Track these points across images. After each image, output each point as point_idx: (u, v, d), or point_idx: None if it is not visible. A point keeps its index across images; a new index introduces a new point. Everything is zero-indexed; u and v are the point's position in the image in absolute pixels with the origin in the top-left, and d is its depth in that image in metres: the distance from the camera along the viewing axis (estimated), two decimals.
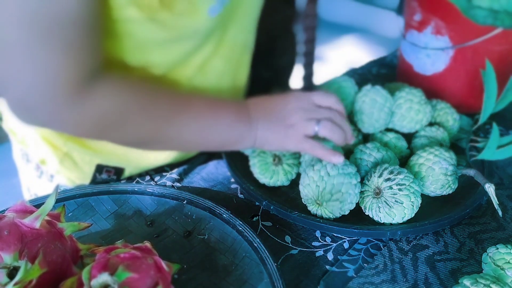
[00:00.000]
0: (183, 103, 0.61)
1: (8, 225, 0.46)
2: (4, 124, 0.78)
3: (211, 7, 0.57)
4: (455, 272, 0.57)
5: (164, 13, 0.54)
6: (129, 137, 0.60)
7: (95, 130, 0.56)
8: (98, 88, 0.53)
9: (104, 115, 0.55)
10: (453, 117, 0.74)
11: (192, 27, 0.58)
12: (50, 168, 0.73)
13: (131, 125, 0.58)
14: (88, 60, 0.52)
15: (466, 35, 0.75)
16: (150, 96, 0.58)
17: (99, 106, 0.54)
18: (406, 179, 0.60)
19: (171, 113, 0.59)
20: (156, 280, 0.44)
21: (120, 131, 0.58)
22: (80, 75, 0.51)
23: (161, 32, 0.57)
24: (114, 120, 0.56)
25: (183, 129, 0.61)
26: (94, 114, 0.54)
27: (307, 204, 0.63)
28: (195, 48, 0.63)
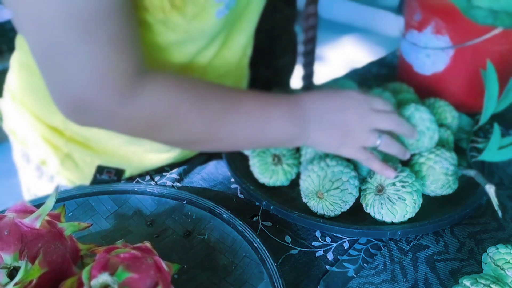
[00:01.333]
0: (233, 102, 0.59)
1: (8, 225, 0.46)
2: (5, 124, 0.78)
3: (219, 10, 0.57)
4: (455, 272, 0.57)
5: (175, 16, 0.54)
6: (179, 136, 0.59)
7: (147, 127, 0.56)
8: (149, 84, 0.53)
9: (156, 112, 0.55)
10: (451, 115, 0.74)
11: (200, 29, 0.58)
12: (50, 169, 0.73)
13: (181, 123, 0.57)
14: (134, 53, 0.52)
15: (466, 35, 0.75)
16: (200, 94, 0.57)
17: (151, 102, 0.54)
18: (409, 177, 0.60)
19: (221, 112, 0.58)
20: (156, 280, 0.44)
21: (170, 130, 0.57)
22: (130, 67, 0.51)
23: (171, 34, 0.57)
24: (165, 117, 0.55)
25: (234, 129, 0.59)
26: (146, 110, 0.54)
27: (307, 200, 0.63)
28: (198, 51, 0.63)
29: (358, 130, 0.62)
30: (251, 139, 0.61)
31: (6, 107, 0.76)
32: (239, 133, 0.60)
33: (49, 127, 0.69)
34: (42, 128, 0.70)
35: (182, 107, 0.56)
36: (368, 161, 0.62)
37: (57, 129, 0.69)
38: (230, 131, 0.59)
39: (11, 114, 0.75)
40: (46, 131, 0.70)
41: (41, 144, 0.71)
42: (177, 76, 0.58)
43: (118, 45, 0.50)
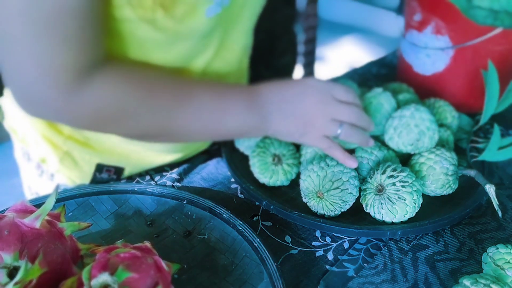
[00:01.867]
0: (186, 94, 0.59)
1: (8, 225, 0.46)
2: (6, 122, 0.78)
3: (209, 8, 0.57)
4: (455, 272, 0.57)
5: (161, 14, 0.54)
6: (130, 130, 0.59)
7: (94, 121, 0.56)
8: (97, 79, 0.53)
9: (103, 107, 0.55)
10: (451, 115, 0.74)
11: (190, 28, 0.58)
12: (50, 167, 0.73)
13: (131, 117, 0.57)
14: (88, 51, 0.52)
15: (466, 35, 0.75)
16: (150, 88, 0.58)
17: (98, 97, 0.54)
18: (409, 177, 0.60)
19: (172, 105, 0.58)
20: (156, 280, 0.44)
21: (120, 124, 0.58)
22: (79, 65, 0.52)
23: (158, 33, 0.57)
24: (113, 112, 0.56)
25: (187, 121, 0.59)
26: (93, 105, 0.54)
27: (307, 200, 0.63)
28: (196, 51, 0.63)
29: (319, 119, 0.62)
30: (206, 130, 0.62)
31: (7, 105, 0.76)
32: (193, 126, 0.60)
33: (48, 125, 0.69)
34: (41, 126, 0.70)
35: (132, 101, 0.56)
36: (330, 149, 0.63)
37: (56, 127, 0.69)
38: (183, 123, 0.59)
39: (12, 112, 0.75)
40: (45, 129, 0.70)
41: (41, 142, 0.71)
42: (130, 70, 0.57)
43: (71, 45, 0.50)
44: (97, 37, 0.53)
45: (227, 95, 0.61)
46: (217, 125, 0.61)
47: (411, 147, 0.66)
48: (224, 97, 0.61)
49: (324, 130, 0.62)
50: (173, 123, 0.59)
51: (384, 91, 0.72)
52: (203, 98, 0.60)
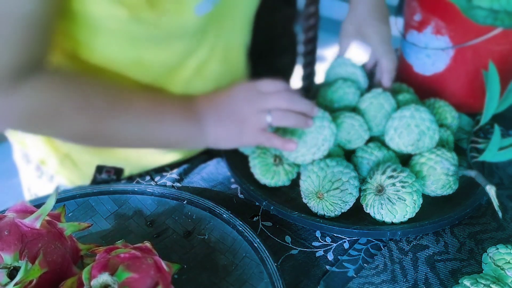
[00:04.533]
0: (122, 101, 0.59)
1: (9, 225, 0.46)
2: None
3: (198, 6, 0.56)
4: (455, 272, 0.57)
5: (149, 11, 0.54)
6: (64, 133, 0.59)
7: (24, 123, 0.56)
8: (29, 83, 0.53)
9: (33, 110, 0.54)
10: (451, 115, 0.74)
11: (180, 26, 0.58)
12: (50, 169, 0.73)
13: (64, 121, 0.57)
14: (25, 54, 0.51)
15: (466, 35, 0.75)
16: (86, 94, 0.57)
17: (28, 100, 0.53)
18: (409, 177, 0.60)
19: (108, 112, 0.58)
20: (156, 280, 0.44)
21: (52, 127, 0.57)
22: (11, 68, 0.51)
23: (147, 30, 0.57)
24: (44, 116, 0.55)
25: (123, 128, 0.60)
26: (22, 107, 0.53)
27: (307, 200, 0.63)
28: (189, 50, 0.63)
29: (249, 114, 0.62)
30: (143, 138, 0.62)
31: None
32: (128, 133, 0.60)
33: None
34: None
35: (65, 105, 0.56)
36: (269, 141, 0.63)
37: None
38: (117, 130, 0.59)
39: None
40: None
41: (40, 144, 0.71)
42: (67, 76, 0.57)
43: (6, 47, 0.50)
44: (37, 42, 0.52)
45: (164, 104, 0.62)
46: (154, 133, 0.61)
47: (411, 147, 0.66)
48: (162, 106, 0.62)
49: (257, 123, 0.62)
50: (108, 129, 0.59)
51: (384, 92, 0.72)
52: (140, 106, 0.60)
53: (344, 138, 0.69)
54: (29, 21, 0.49)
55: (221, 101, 0.63)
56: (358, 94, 0.74)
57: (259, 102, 0.62)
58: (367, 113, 0.71)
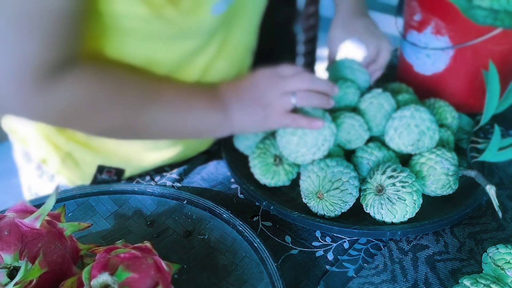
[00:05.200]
0: (153, 92, 0.60)
1: (9, 225, 0.46)
2: (5, 123, 0.78)
3: (214, 6, 0.57)
4: (455, 272, 0.57)
5: (170, 10, 0.55)
6: (98, 126, 0.59)
7: (61, 118, 0.56)
8: (67, 77, 0.53)
9: (72, 104, 0.55)
10: (451, 115, 0.74)
11: (196, 25, 0.58)
12: (51, 168, 0.73)
13: (99, 114, 0.57)
14: (62, 49, 0.52)
15: (466, 35, 0.75)
16: (120, 86, 0.58)
17: (67, 95, 0.54)
18: (409, 177, 0.60)
19: (141, 103, 0.59)
20: (156, 280, 0.44)
21: (88, 120, 0.58)
22: (51, 63, 0.51)
23: (166, 29, 0.57)
24: (81, 109, 0.56)
25: (155, 119, 0.60)
26: (61, 102, 0.54)
27: (307, 200, 0.63)
28: (199, 48, 0.63)
29: (273, 98, 0.63)
30: (173, 128, 0.63)
31: None
32: (161, 122, 0.61)
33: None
34: (43, 126, 0.70)
35: (100, 99, 0.56)
36: (295, 121, 0.63)
37: (58, 128, 0.69)
38: (150, 121, 0.60)
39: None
40: (47, 130, 0.70)
41: (42, 143, 0.71)
42: (101, 69, 0.58)
43: (46, 41, 0.50)
44: (75, 37, 0.53)
45: (191, 92, 0.63)
46: (183, 123, 0.62)
47: (411, 147, 0.66)
48: (189, 94, 0.63)
49: (282, 106, 0.63)
50: (141, 119, 0.60)
51: (383, 92, 0.72)
52: (170, 95, 0.61)
53: (344, 138, 0.69)
54: (65, 18, 0.50)
55: (244, 88, 0.64)
56: (358, 94, 0.74)
57: (282, 85, 0.63)
58: (367, 113, 0.71)
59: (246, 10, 0.66)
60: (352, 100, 0.74)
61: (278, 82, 0.64)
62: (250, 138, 0.71)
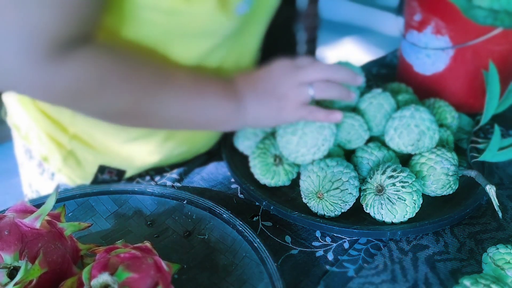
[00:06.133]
0: (166, 77, 0.58)
1: (9, 225, 0.46)
2: (9, 119, 0.78)
3: (239, 5, 0.56)
4: (455, 272, 0.57)
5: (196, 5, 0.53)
6: (104, 108, 0.57)
7: (67, 97, 0.53)
8: (78, 54, 0.51)
9: (79, 82, 0.52)
10: (451, 115, 0.74)
11: (219, 24, 0.57)
12: (52, 166, 0.73)
13: (109, 95, 0.55)
14: (77, 25, 0.50)
15: (466, 35, 0.75)
16: (133, 67, 0.56)
17: (75, 72, 0.52)
18: (409, 177, 0.60)
19: (153, 86, 0.57)
20: (156, 280, 0.44)
21: (96, 101, 0.55)
22: (63, 37, 0.49)
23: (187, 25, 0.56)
24: (90, 89, 0.53)
25: (166, 104, 0.58)
26: (68, 79, 0.52)
27: (307, 200, 0.63)
28: (211, 50, 0.62)
29: (289, 89, 0.61)
30: (184, 115, 0.60)
31: (11, 101, 0.75)
32: (172, 108, 0.59)
33: (54, 122, 0.69)
34: (46, 124, 0.69)
35: (110, 79, 0.54)
36: (312, 114, 0.61)
37: (61, 125, 0.69)
38: (160, 106, 0.58)
39: (16, 109, 0.74)
40: (50, 127, 0.69)
41: (44, 140, 0.71)
42: (114, 49, 0.56)
43: (63, 14, 0.48)
44: (92, 14, 0.51)
45: (206, 81, 0.61)
46: (195, 111, 0.60)
47: (411, 147, 0.66)
48: (204, 84, 0.60)
49: (298, 97, 0.61)
50: (152, 103, 0.57)
51: (383, 92, 0.72)
52: (184, 82, 0.59)
53: (344, 138, 0.69)
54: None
55: (259, 79, 0.62)
56: (358, 94, 0.74)
57: (299, 75, 0.61)
58: (367, 113, 0.71)
59: (259, 14, 0.65)
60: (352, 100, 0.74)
61: (294, 72, 0.61)
62: (250, 138, 0.71)
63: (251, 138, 0.71)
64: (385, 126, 0.70)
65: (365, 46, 2.95)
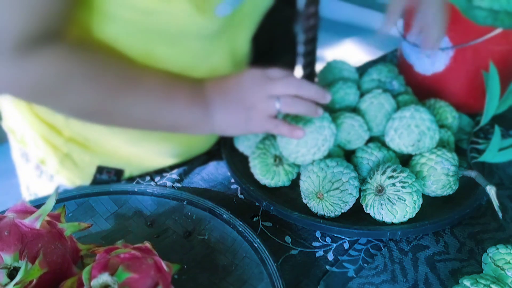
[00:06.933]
0: (134, 78, 0.58)
1: (9, 226, 0.46)
2: (4, 123, 0.78)
3: (219, 6, 0.56)
4: (455, 272, 0.57)
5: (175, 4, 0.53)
6: (70, 106, 0.57)
7: (31, 93, 0.54)
8: (43, 52, 0.52)
9: (43, 79, 0.53)
10: (452, 115, 0.74)
11: (199, 24, 0.57)
12: (50, 168, 0.73)
13: (72, 94, 0.55)
14: (44, 23, 0.50)
15: (466, 35, 0.75)
16: (98, 67, 0.56)
17: (38, 70, 0.52)
18: (409, 177, 0.60)
19: (118, 87, 0.57)
20: (156, 280, 0.44)
21: (59, 99, 0.56)
22: (29, 34, 0.50)
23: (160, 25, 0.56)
24: (53, 86, 0.54)
25: (131, 106, 0.58)
26: (32, 76, 0.52)
27: (307, 201, 0.63)
28: (203, 53, 0.62)
29: (257, 100, 0.61)
30: (148, 118, 0.60)
31: (5, 105, 0.75)
32: (137, 110, 0.59)
33: (49, 126, 0.69)
34: (41, 127, 0.70)
35: (74, 78, 0.54)
36: (277, 128, 0.62)
37: (56, 129, 0.69)
38: (126, 107, 0.58)
39: (10, 113, 0.75)
40: (45, 131, 0.69)
41: (40, 144, 0.71)
42: (81, 48, 0.56)
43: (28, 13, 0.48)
44: (56, 13, 0.51)
45: (175, 86, 0.61)
46: (161, 114, 0.60)
47: (412, 147, 0.66)
48: (172, 87, 0.60)
49: (265, 110, 0.61)
50: (116, 104, 0.58)
51: (384, 92, 0.72)
52: (151, 85, 0.59)
53: (344, 139, 0.69)
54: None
55: (229, 87, 0.62)
56: (358, 95, 0.74)
57: (268, 88, 0.61)
58: (367, 113, 0.71)
59: (250, 17, 0.65)
60: (353, 101, 0.74)
61: (264, 84, 0.61)
62: (251, 138, 0.71)
63: (251, 138, 0.71)
64: (385, 126, 0.70)
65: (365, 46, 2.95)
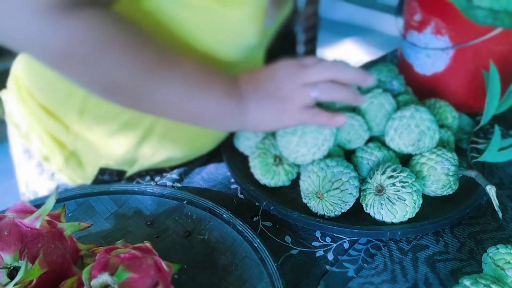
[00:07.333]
0: (173, 59, 0.55)
1: (9, 225, 0.46)
2: (8, 117, 0.77)
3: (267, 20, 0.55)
4: (455, 272, 0.57)
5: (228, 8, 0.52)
6: (100, 77, 0.52)
7: (63, 58, 0.50)
8: (84, 13, 0.49)
9: (81, 43, 0.49)
10: (452, 115, 0.74)
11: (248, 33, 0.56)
12: (53, 166, 0.72)
13: (108, 63, 0.51)
14: None
15: (466, 35, 0.75)
16: (140, 42, 0.53)
17: (79, 32, 0.49)
18: (409, 177, 0.60)
19: (157, 64, 0.53)
20: (156, 280, 0.44)
21: (92, 67, 0.51)
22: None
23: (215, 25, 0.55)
24: (90, 52, 0.50)
25: (164, 86, 0.54)
26: (68, 36, 0.48)
27: (307, 200, 0.63)
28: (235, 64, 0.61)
29: (291, 90, 0.57)
30: (178, 102, 0.56)
31: (10, 98, 0.74)
32: (168, 94, 0.55)
33: (57, 120, 0.68)
34: (48, 122, 0.68)
35: (112, 46, 0.51)
36: (315, 117, 0.58)
37: (65, 124, 0.67)
38: (158, 87, 0.54)
39: (15, 107, 0.73)
40: (52, 126, 0.68)
41: (45, 140, 0.70)
42: (123, 20, 0.52)
43: None
44: None
45: (211, 75, 0.58)
46: (193, 102, 0.57)
47: (412, 147, 0.66)
48: (208, 75, 0.57)
49: (301, 99, 0.58)
50: (151, 83, 0.54)
51: (384, 91, 0.72)
52: (188, 69, 0.56)
53: (344, 138, 0.69)
54: None
55: (262, 79, 0.59)
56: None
57: (302, 75, 0.57)
58: (368, 113, 0.71)
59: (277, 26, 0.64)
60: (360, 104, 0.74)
61: (298, 73, 0.57)
62: (251, 138, 0.71)
63: (251, 138, 0.71)
64: (385, 126, 0.70)
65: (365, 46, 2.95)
